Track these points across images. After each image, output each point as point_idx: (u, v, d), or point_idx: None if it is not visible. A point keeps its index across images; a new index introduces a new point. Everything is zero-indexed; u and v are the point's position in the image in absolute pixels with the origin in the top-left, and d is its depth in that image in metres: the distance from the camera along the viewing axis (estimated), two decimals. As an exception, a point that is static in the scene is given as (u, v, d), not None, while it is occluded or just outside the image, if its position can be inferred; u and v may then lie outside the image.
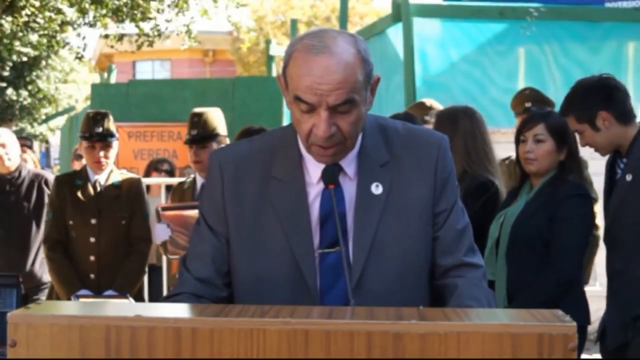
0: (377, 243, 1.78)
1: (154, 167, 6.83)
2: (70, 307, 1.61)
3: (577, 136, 3.35)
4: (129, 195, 4.21)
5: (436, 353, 1.32)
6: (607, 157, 3.40)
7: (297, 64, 1.70)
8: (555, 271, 3.20)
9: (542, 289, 3.19)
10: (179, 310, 1.51)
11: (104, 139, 4.14)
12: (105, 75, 16.19)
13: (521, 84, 6.85)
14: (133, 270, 4.16)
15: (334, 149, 1.74)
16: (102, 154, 4.14)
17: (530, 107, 4.46)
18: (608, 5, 7.58)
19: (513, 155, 4.27)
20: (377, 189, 1.80)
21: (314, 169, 1.82)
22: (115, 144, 4.21)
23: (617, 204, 3.23)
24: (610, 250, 3.29)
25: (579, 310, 3.26)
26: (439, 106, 4.40)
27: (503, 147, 5.39)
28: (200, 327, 1.34)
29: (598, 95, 3.24)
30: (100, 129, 4.13)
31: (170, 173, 6.77)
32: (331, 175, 1.77)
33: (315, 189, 1.81)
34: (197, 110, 4.25)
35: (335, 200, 1.76)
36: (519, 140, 3.43)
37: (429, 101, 4.67)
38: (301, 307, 1.48)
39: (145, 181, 5.21)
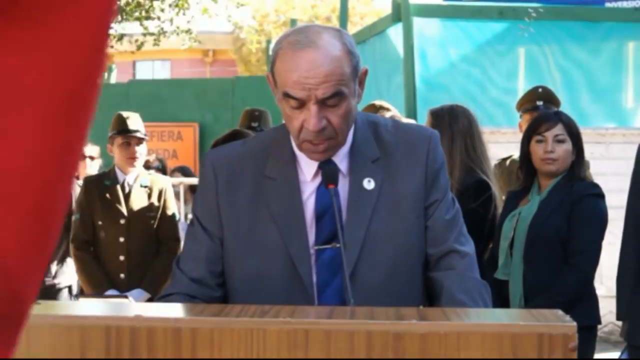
0: (370, 237, 1.79)
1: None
2: (70, 308, 1.61)
3: None
4: (158, 196, 4.27)
5: (436, 353, 1.32)
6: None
7: (283, 61, 1.73)
8: (576, 271, 3.19)
9: (563, 290, 3.18)
10: (179, 311, 1.51)
11: (139, 135, 4.23)
12: (105, 75, 16.15)
13: (521, 84, 6.85)
14: (162, 269, 4.17)
15: (325, 145, 1.75)
16: (137, 149, 4.21)
17: (541, 105, 4.44)
18: (608, 5, 7.58)
19: (513, 154, 4.26)
20: (369, 184, 1.82)
21: (307, 168, 1.83)
22: (145, 144, 4.31)
23: None
24: None
25: (593, 309, 3.26)
26: (389, 107, 4.35)
27: (503, 147, 5.39)
28: (201, 327, 1.34)
29: None
30: (135, 127, 4.22)
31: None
32: (332, 175, 1.78)
33: (309, 187, 1.83)
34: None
35: (332, 198, 1.77)
36: (529, 139, 3.38)
37: (379, 102, 4.61)
38: (301, 307, 1.48)
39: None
